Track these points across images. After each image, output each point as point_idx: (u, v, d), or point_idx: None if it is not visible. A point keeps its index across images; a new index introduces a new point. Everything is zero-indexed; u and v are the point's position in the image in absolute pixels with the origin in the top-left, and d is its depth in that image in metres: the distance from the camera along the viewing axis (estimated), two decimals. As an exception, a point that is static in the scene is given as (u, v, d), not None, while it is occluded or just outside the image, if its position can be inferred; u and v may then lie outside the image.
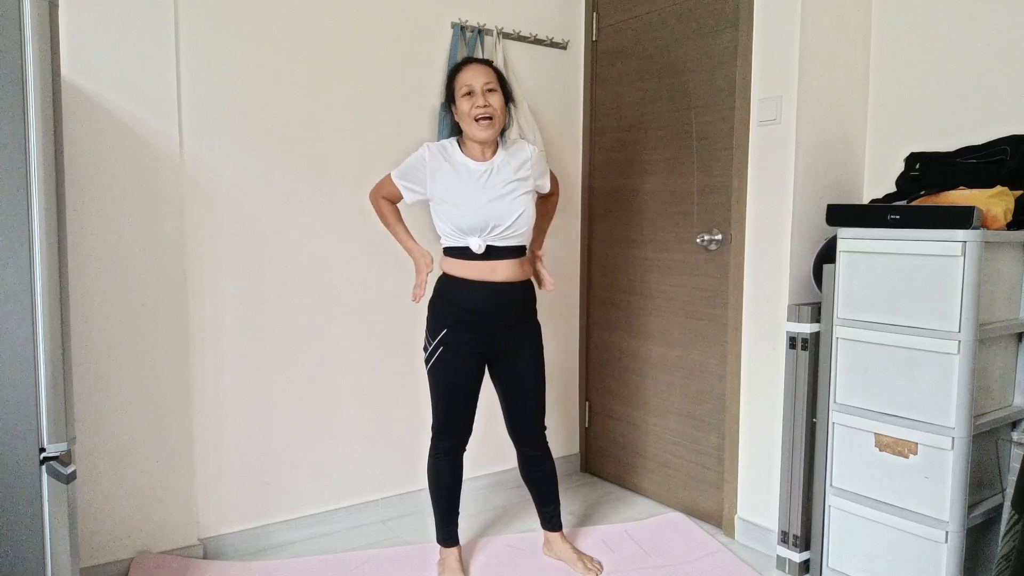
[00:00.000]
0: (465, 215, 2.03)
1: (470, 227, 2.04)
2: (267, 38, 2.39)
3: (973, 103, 2.19)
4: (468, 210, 2.03)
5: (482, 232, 2.04)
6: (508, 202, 2.06)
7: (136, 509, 2.27)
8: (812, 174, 2.33)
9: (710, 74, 2.58)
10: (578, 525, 2.67)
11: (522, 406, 2.22)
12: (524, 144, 2.20)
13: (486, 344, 2.13)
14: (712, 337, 2.62)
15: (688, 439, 2.75)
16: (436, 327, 2.12)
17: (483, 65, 2.08)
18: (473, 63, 2.08)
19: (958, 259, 1.82)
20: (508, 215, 2.05)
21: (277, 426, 2.50)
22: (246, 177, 2.39)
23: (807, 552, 2.30)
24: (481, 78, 2.04)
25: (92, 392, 2.18)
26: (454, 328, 2.10)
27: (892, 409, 1.98)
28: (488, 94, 2.03)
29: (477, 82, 2.02)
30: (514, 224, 2.07)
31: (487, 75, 2.05)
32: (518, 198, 2.08)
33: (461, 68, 2.08)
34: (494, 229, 2.05)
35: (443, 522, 2.26)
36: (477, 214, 2.03)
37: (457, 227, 2.05)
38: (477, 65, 2.07)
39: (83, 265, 2.14)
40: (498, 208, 2.04)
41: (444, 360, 2.11)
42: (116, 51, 2.15)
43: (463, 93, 2.03)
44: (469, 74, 2.05)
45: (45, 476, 1.52)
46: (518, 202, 2.08)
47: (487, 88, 2.03)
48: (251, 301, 2.42)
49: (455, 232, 2.06)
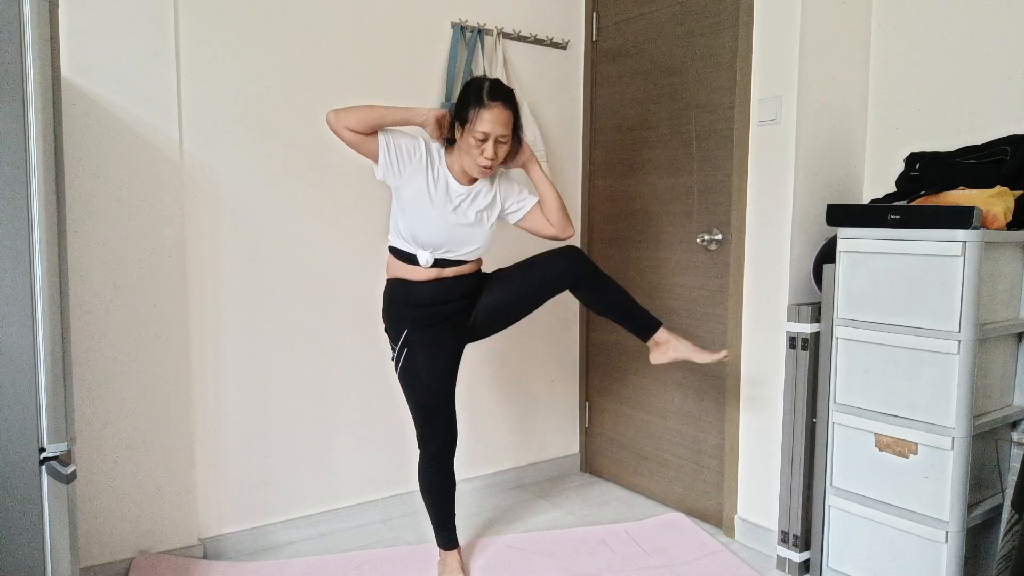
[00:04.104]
0: (426, 230, 2.00)
1: (426, 242, 2.01)
2: (267, 38, 2.39)
3: (973, 103, 2.19)
4: (431, 227, 2.00)
5: (435, 250, 2.03)
6: (469, 232, 2.04)
7: (136, 509, 2.27)
8: (812, 174, 2.33)
9: (710, 74, 2.58)
10: (578, 525, 2.67)
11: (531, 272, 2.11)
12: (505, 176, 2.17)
13: (450, 331, 2.10)
14: (712, 337, 2.62)
15: (688, 439, 2.75)
16: (397, 330, 2.09)
17: (506, 110, 1.94)
18: (499, 106, 1.93)
19: (958, 259, 1.82)
20: (465, 243, 2.04)
21: (277, 426, 2.50)
22: (246, 177, 2.39)
23: (807, 552, 2.30)
24: (499, 129, 1.93)
25: (92, 392, 2.18)
26: (414, 326, 2.07)
27: (892, 409, 1.98)
28: (499, 146, 1.96)
29: (495, 132, 1.93)
30: (468, 253, 2.06)
31: (506, 126, 1.94)
32: (480, 231, 2.06)
33: (486, 105, 1.92)
34: (448, 252, 2.04)
35: (440, 527, 2.25)
36: (438, 233, 2.00)
37: (413, 236, 2.01)
38: (500, 110, 1.93)
39: (83, 265, 2.14)
40: (460, 235, 2.03)
41: (413, 360, 2.08)
42: (116, 51, 2.15)
43: (478, 137, 1.93)
44: (490, 119, 1.92)
45: (45, 476, 1.52)
46: (479, 235, 2.06)
47: (500, 140, 1.96)
48: (251, 301, 2.42)
49: (409, 239, 2.03)
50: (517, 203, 2.15)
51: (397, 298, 2.08)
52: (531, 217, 2.16)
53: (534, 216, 2.15)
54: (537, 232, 2.17)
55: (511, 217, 2.17)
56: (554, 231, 2.15)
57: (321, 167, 2.52)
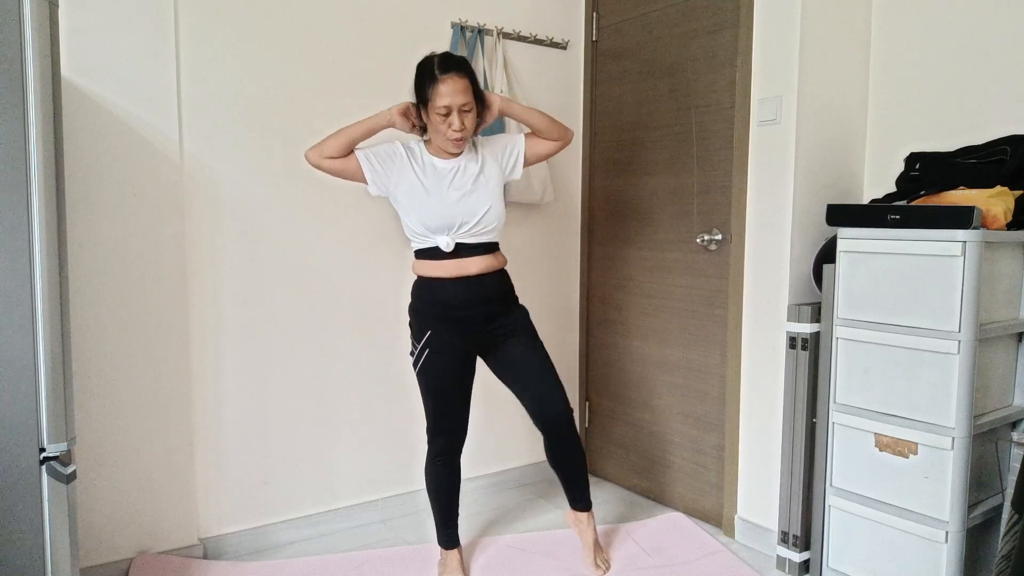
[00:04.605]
0: (432, 214, 2.02)
1: (438, 226, 2.03)
2: (267, 38, 2.39)
3: (973, 103, 2.19)
4: (435, 208, 2.02)
5: (450, 230, 2.04)
6: (475, 199, 2.04)
7: (136, 509, 2.27)
8: (812, 174, 2.33)
9: (710, 74, 2.58)
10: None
11: (534, 387, 2.16)
12: (488, 139, 2.17)
13: (472, 338, 2.12)
14: (712, 337, 2.62)
15: (688, 439, 2.75)
16: (419, 330, 2.12)
17: (461, 78, 1.95)
18: (452, 76, 1.94)
19: (958, 259, 1.82)
20: (475, 211, 2.04)
21: (277, 426, 2.50)
22: (246, 177, 2.39)
23: (807, 552, 2.30)
24: (459, 99, 1.94)
25: (92, 392, 2.18)
26: (437, 328, 2.09)
27: (892, 409, 1.98)
28: (464, 115, 1.97)
29: (455, 102, 1.94)
30: (482, 220, 2.05)
31: (465, 94, 1.95)
32: (485, 193, 2.06)
33: (439, 79, 1.93)
34: (462, 227, 2.04)
35: (442, 524, 2.26)
36: (444, 212, 2.02)
37: (425, 226, 2.03)
38: (455, 80, 1.94)
39: (83, 265, 2.14)
40: (465, 205, 2.03)
41: (431, 361, 2.10)
42: (116, 51, 2.15)
43: (440, 113, 1.95)
44: (447, 91, 1.93)
45: (45, 476, 1.52)
46: (485, 197, 2.05)
47: (464, 109, 1.96)
48: (251, 301, 2.42)
49: (424, 232, 2.05)
50: (511, 152, 2.15)
51: (422, 296, 2.11)
52: (531, 150, 2.16)
53: (532, 146, 2.16)
54: (545, 154, 2.18)
55: (517, 166, 2.16)
56: (558, 144, 2.16)
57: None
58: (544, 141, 2.15)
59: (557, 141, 2.15)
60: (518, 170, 2.17)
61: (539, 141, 2.16)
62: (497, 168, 2.12)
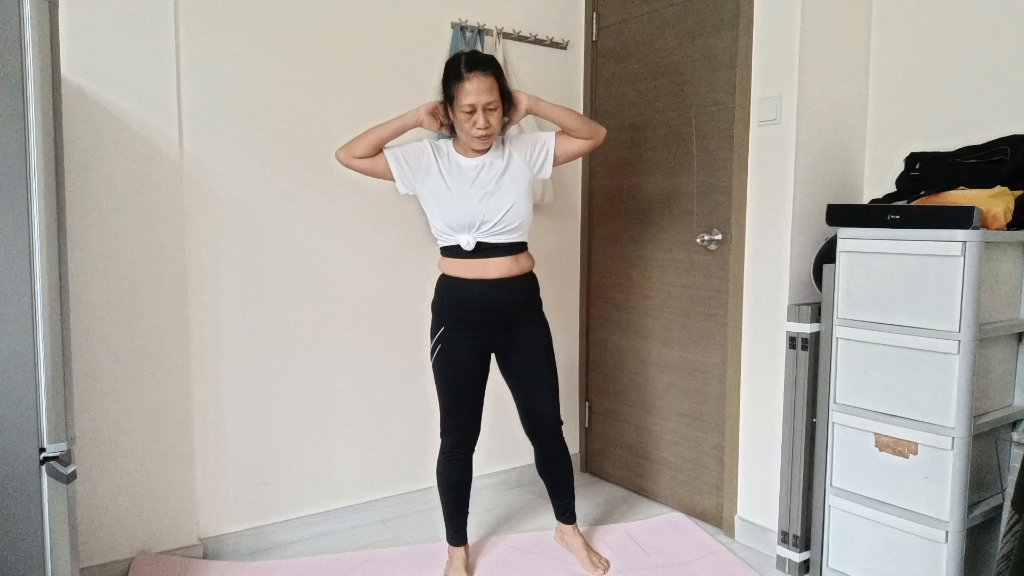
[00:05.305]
0: (454, 211, 2.03)
1: (460, 224, 2.04)
2: (267, 38, 2.39)
3: (973, 103, 2.19)
4: (457, 206, 2.03)
5: (471, 229, 2.04)
6: (497, 197, 2.04)
7: (136, 509, 2.27)
8: (812, 174, 2.33)
9: (710, 74, 2.58)
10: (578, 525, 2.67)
11: (532, 398, 2.21)
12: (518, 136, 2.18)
13: (484, 340, 2.13)
14: (712, 337, 2.62)
15: (688, 439, 2.74)
16: (436, 325, 2.15)
17: (487, 77, 1.96)
18: (477, 74, 1.95)
19: (958, 259, 1.82)
20: (497, 210, 2.04)
21: (277, 426, 2.50)
22: (246, 177, 2.39)
23: (807, 552, 2.30)
24: (484, 97, 1.95)
25: (92, 392, 2.18)
26: (451, 326, 2.12)
27: (892, 409, 1.98)
28: (489, 113, 1.98)
29: (481, 101, 1.95)
30: (504, 219, 2.05)
31: (491, 92, 1.96)
32: (509, 191, 2.06)
33: (464, 77, 1.95)
34: (483, 225, 2.04)
35: (450, 520, 2.27)
36: (466, 210, 2.03)
37: (447, 224, 2.05)
38: (481, 78, 1.95)
39: (83, 265, 2.14)
40: (487, 204, 2.04)
41: (444, 357, 2.13)
42: (116, 51, 2.15)
43: (466, 111, 1.96)
44: (473, 90, 1.94)
45: (45, 476, 1.52)
46: (508, 195, 2.05)
47: (489, 108, 1.97)
48: (251, 301, 2.42)
49: (447, 230, 2.07)
50: (541, 149, 2.14)
51: (442, 293, 2.14)
52: (561, 148, 2.15)
53: (563, 145, 2.15)
54: (576, 153, 2.16)
55: (546, 164, 2.15)
56: (589, 143, 2.14)
57: (321, 167, 2.52)
58: (575, 139, 2.14)
59: (588, 139, 2.14)
60: (547, 168, 2.16)
61: (570, 139, 2.14)
62: (525, 166, 2.11)
